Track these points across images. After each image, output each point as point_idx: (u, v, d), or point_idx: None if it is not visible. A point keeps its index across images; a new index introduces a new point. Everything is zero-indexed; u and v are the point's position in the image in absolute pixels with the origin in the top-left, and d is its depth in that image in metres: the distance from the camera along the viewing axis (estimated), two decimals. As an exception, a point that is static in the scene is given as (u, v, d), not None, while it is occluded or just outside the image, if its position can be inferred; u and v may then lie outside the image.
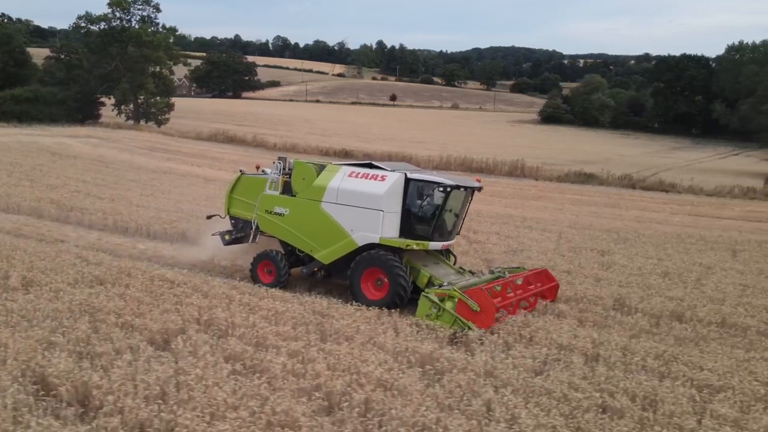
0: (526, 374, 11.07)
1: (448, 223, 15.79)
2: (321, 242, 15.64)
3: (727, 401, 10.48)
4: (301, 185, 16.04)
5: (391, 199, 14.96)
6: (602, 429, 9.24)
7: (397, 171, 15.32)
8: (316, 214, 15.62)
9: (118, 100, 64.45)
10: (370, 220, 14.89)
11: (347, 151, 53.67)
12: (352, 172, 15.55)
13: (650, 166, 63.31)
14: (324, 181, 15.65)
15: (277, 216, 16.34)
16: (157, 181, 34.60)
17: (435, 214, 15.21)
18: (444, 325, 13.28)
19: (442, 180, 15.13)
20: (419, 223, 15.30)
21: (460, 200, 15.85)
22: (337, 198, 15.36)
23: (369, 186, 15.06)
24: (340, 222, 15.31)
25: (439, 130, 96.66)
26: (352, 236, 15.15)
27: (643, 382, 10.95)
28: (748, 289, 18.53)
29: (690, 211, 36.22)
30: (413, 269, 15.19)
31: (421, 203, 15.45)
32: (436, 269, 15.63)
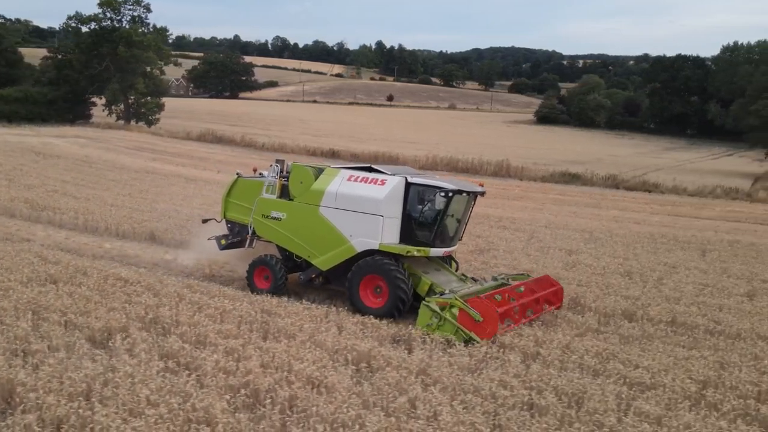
0: (460, 372, 11.15)
1: (450, 228, 15.42)
2: (319, 248, 15.24)
3: (654, 399, 10.56)
4: (298, 189, 15.62)
5: (391, 203, 14.56)
6: (521, 426, 9.31)
7: (398, 175, 14.91)
8: (314, 218, 15.22)
9: (109, 101, 64.59)
10: (370, 226, 14.48)
11: (334, 151, 53.88)
12: (351, 176, 15.10)
13: (640, 167, 63.38)
14: (322, 185, 15.22)
15: (274, 220, 15.92)
16: (137, 181, 34.69)
17: (436, 219, 14.79)
18: (446, 335, 12.81)
19: (443, 184, 14.66)
20: (420, 229, 14.88)
21: (463, 205, 15.46)
22: (335, 202, 14.94)
23: (368, 190, 14.62)
24: (338, 227, 14.91)
25: (432, 131, 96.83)
26: (351, 242, 14.75)
27: (574, 380, 11.01)
28: (707, 288, 18.60)
29: (670, 211, 36.31)
30: (414, 276, 14.74)
31: (422, 208, 14.98)
32: (437, 276, 15.22)
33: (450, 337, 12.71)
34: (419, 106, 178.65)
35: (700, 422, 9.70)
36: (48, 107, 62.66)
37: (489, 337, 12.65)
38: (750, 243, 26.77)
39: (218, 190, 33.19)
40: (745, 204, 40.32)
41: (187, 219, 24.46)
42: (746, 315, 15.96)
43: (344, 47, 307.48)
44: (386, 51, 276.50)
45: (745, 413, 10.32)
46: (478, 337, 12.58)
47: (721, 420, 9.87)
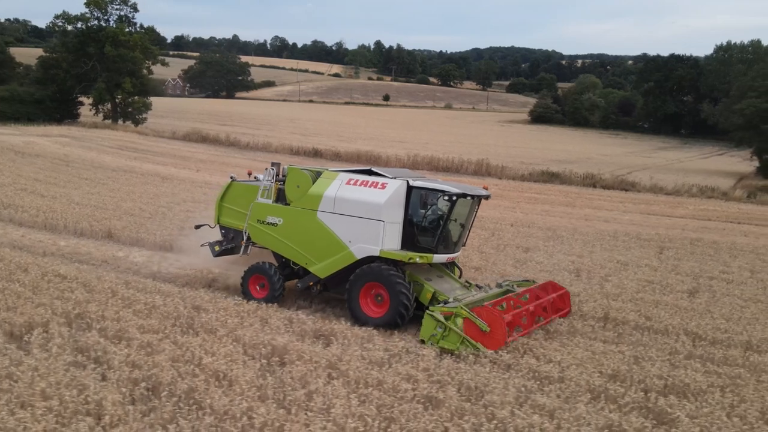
0: (369, 366, 11.29)
1: (453, 234, 14.90)
2: (317, 255, 14.62)
3: (555, 392, 10.69)
4: (295, 193, 15.05)
5: (392, 208, 14.01)
6: (412, 419, 9.42)
7: (399, 178, 14.40)
8: (311, 224, 14.63)
9: (96, 100, 64.75)
10: (370, 231, 13.89)
11: (317, 150, 54.09)
12: (350, 180, 14.53)
13: (626, 166, 63.54)
14: (320, 189, 14.66)
15: (269, 226, 15.29)
16: (112, 179, 34.82)
17: (439, 224, 14.27)
18: (450, 347, 12.35)
19: (446, 188, 14.04)
20: (422, 235, 14.35)
21: (466, 209, 14.93)
22: (334, 207, 14.35)
23: (368, 194, 14.06)
24: (337, 233, 14.31)
25: (423, 130, 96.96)
26: (351, 248, 14.14)
27: (481, 374, 11.15)
28: (651, 285, 18.72)
29: (643, 210, 36.40)
30: (416, 284, 14.19)
31: (424, 213, 14.49)
32: (440, 284, 14.67)
33: (456, 350, 12.26)
34: (415, 105, 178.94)
35: (592, 415, 9.83)
36: (35, 106, 62.86)
37: (496, 348, 12.18)
38: (713, 241, 26.86)
39: (191, 188, 33.65)
40: (719, 203, 40.40)
41: (149, 217, 24.70)
42: (679, 311, 16.07)
43: (343, 47, 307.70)
44: (385, 51, 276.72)
45: (643, 406, 10.45)
46: (486, 348, 12.10)
47: (615, 413, 9.99)
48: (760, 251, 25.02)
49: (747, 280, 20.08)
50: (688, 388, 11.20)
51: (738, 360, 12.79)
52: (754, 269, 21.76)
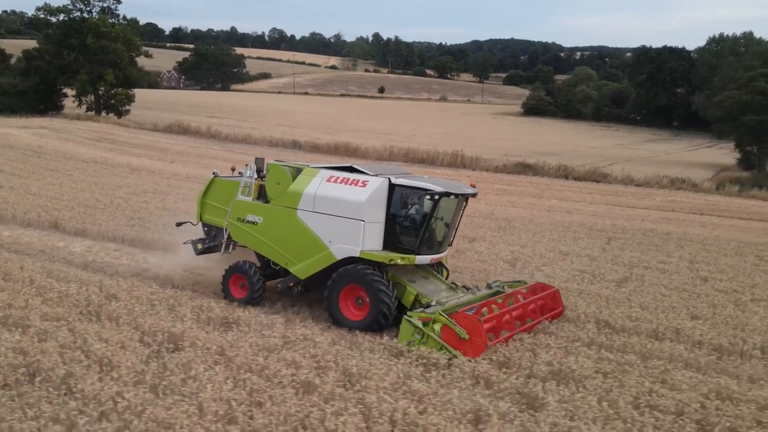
0: (258, 352, 11.45)
1: (438, 233, 14.33)
2: (297, 254, 14.10)
3: (435, 379, 10.82)
4: (275, 190, 14.49)
5: (374, 207, 13.44)
6: (279, 403, 9.56)
7: (381, 176, 13.77)
8: (291, 223, 14.06)
9: (78, 92, 64.91)
10: (350, 231, 13.36)
11: (296, 141, 54.22)
12: (331, 177, 13.96)
13: (610, 158, 63.63)
14: (300, 187, 14.09)
15: (249, 224, 14.75)
16: (79, 171, 35.00)
17: (423, 224, 13.67)
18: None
19: (430, 186, 13.46)
20: (405, 235, 13.77)
21: (452, 208, 14.36)
22: (314, 206, 13.80)
23: (349, 192, 13.50)
24: (317, 232, 13.76)
25: (413, 122, 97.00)
26: (331, 248, 13.60)
27: (365, 360, 11.33)
28: (582, 274, 18.85)
29: (610, 201, 36.52)
30: (398, 286, 13.67)
31: (406, 212, 13.85)
32: (424, 285, 14.16)
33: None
34: (411, 98, 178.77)
35: (462, 400, 9.97)
36: (18, 98, 63.08)
37: (475, 356, 11.65)
38: (666, 232, 26.99)
39: (158, 180, 33.81)
40: (688, 194, 40.50)
41: (102, 208, 24.87)
42: (599, 300, 16.18)
43: (341, 39, 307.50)
44: (383, 43, 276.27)
45: (519, 392, 10.57)
46: (464, 356, 11.58)
47: (487, 398, 10.18)
48: (709, 242, 25.14)
49: (682, 270, 20.21)
50: (573, 374, 11.33)
51: (636, 347, 12.93)
52: (695, 260, 21.88)
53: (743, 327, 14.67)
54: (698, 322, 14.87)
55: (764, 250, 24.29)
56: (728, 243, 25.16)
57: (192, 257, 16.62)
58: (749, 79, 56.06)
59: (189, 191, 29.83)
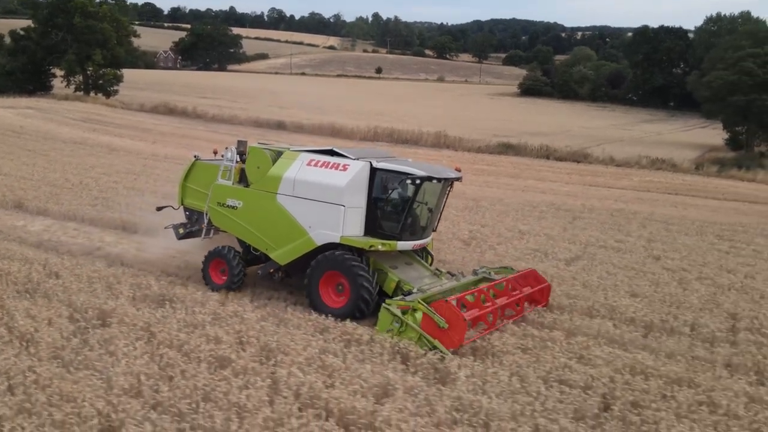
0: (183, 328, 11.62)
1: (421, 218, 13.99)
2: (277, 240, 13.77)
3: (353, 354, 11.00)
4: (255, 174, 14.13)
5: (354, 192, 13.06)
6: (190, 378, 9.72)
7: (362, 159, 13.37)
8: (271, 207, 13.73)
9: (66, 72, 64.85)
10: (330, 216, 13.01)
11: (280, 122, 54.22)
12: (311, 161, 13.58)
13: (601, 138, 63.44)
14: (280, 171, 13.74)
15: (229, 209, 14.43)
16: (56, 151, 35.12)
17: (405, 209, 13.29)
18: (409, 342, 11.46)
19: (412, 170, 12.97)
20: (387, 220, 13.38)
21: (436, 193, 13.93)
22: (293, 190, 13.45)
23: (329, 177, 13.14)
24: (297, 218, 13.44)
25: (407, 103, 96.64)
26: (311, 234, 13.27)
27: (287, 336, 11.51)
28: (534, 253, 19.01)
29: (587, 181, 36.58)
30: (380, 272, 13.28)
31: (388, 197, 13.43)
32: (407, 272, 13.79)
33: (414, 345, 11.35)
34: (408, 78, 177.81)
35: (372, 374, 10.13)
36: (6, 78, 63.04)
37: (456, 347, 11.34)
38: (633, 212, 27.09)
39: (135, 160, 33.91)
40: (667, 174, 40.55)
41: (70, 188, 24.98)
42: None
43: (341, 19, 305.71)
44: (382, 23, 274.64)
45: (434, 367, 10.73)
46: (444, 347, 11.23)
47: (396, 372, 10.38)
48: (673, 221, 25.25)
49: (637, 249, 20.32)
50: (493, 350, 11.51)
51: (565, 324, 13.08)
52: (653, 239, 22.00)
53: (679, 305, 14.80)
54: (636, 299, 15.01)
55: (727, 229, 24.39)
56: (693, 223, 25.26)
57: (173, 241, 16.22)
58: (737, 59, 55.78)
59: (163, 171, 30.07)
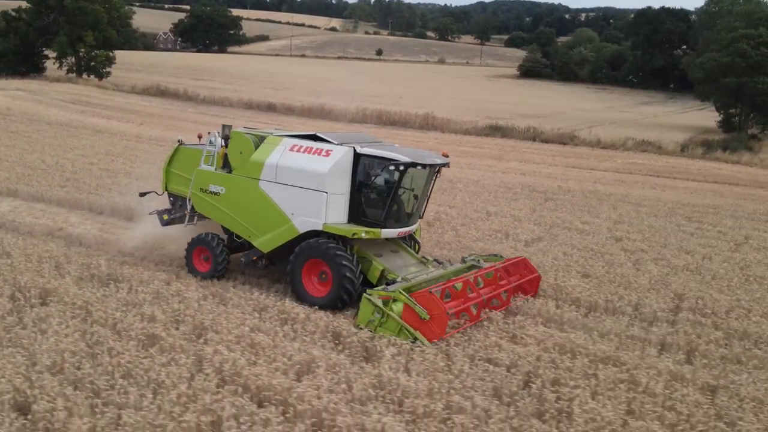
0: (121, 307, 11.74)
1: (406, 205, 13.58)
2: (259, 227, 13.47)
3: (284, 332, 11.13)
4: (238, 160, 13.76)
5: (337, 178, 12.70)
6: (115, 355, 9.86)
7: (345, 144, 12.97)
8: (253, 194, 13.42)
9: (59, 54, 64.79)
10: (313, 203, 12.69)
11: (270, 104, 54.16)
12: (294, 146, 13.23)
13: (594, 120, 63.15)
14: (262, 156, 13.38)
15: (212, 195, 14.09)
16: (40, 132, 35.14)
17: (389, 196, 12.83)
18: (389, 334, 11.14)
19: (396, 156, 12.54)
20: (370, 207, 13.03)
21: (422, 179, 13.49)
22: (276, 176, 13.12)
23: (311, 162, 12.78)
24: (279, 204, 13.13)
25: (403, 85, 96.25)
26: (293, 221, 12.98)
27: (224, 314, 11.65)
28: (496, 234, 19.08)
29: (571, 163, 36.52)
30: (364, 260, 13.01)
31: (372, 183, 12.96)
32: (392, 260, 13.45)
33: (395, 338, 11.04)
34: (409, 60, 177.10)
35: (298, 351, 10.25)
36: (-2, 60, 62.95)
37: (437, 338, 10.98)
38: (609, 193, 27.09)
39: (117, 142, 33.95)
40: (652, 156, 40.44)
41: (45, 169, 25.07)
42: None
43: (343, 0, 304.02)
44: (384, 4, 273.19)
45: (364, 346, 10.84)
46: (425, 339, 10.89)
47: (334, 353, 10.48)
48: (645, 203, 25.25)
49: (601, 230, 20.34)
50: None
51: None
52: (621, 220, 22.02)
53: (628, 285, 14.87)
54: (586, 280, 15.07)
55: (698, 211, 24.38)
56: (665, 204, 25.25)
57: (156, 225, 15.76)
58: (731, 41, 55.28)
59: (142, 153, 30.15)
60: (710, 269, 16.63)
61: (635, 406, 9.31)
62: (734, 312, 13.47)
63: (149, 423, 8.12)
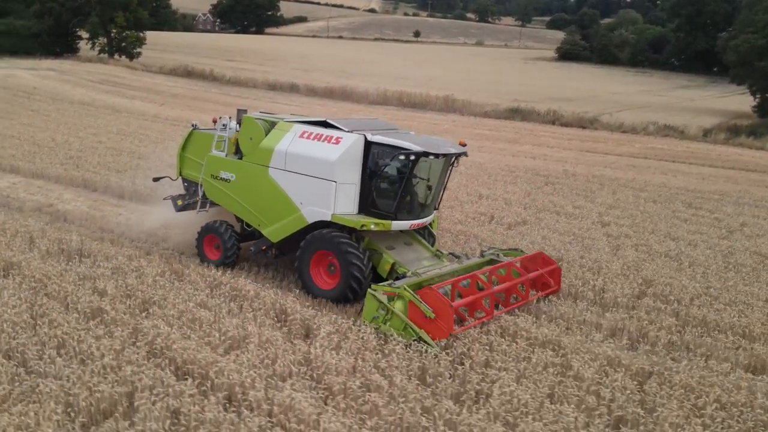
0: (75, 281, 12.03)
1: (420, 196, 13.03)
2: (269, 216, 13.11)
3: (229, 309, 11.27)
4: (248, 146, 13.39)
5: (347, 166, 12.18)
6: (55, 326, 10.11)
7: (356, 132, 12.43)
8: (263, 182, 13.04)
9: (91, 34, 65.98)
10: (322, 193, 12.21)
11: (293, 84, 54.36)
12: (304, 132, 12.76)
13: (625, 104, 62.02)
14: (272, 143, 12.97)
15: (222, 182, 13.78)
16: (60, 112, 35.89)
17: (400, 186, 12.27)
18: (394, 332, 10.58)
19: (407, 145, 11.89)
20: (381, 198, 12.47)
21: (438, 169, 12.92)
22: (285, 164, 12.70)
23: (320, 150, 12.30)
24: (289, 193, 12.70)
25: (436, 67, 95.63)
26: (302, 211, 12.55)
27: (173, 291, 11.85)
28: (479, 216, 18.96)
29: (586, 147, 35.91)
30: (375, 253, 12.56)
31: (382, 173, 12.37)
32: (404, 253, 12.92)
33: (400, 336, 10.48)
34: (447, 42, 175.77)
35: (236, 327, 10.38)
36: (33, 40, 64.42)
37: (446, 337, 10.44)
38: (614, 178, 26.60)
39: (132, 121, 34.52)
40: (673, 141, 39.47)
41: (52, 147, 25.64)
42: (472, 240, 16.39)
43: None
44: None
45: (304, 325, 10.94)
46: (430, 338, 10.33)
47: (276, 332, 10.59)
48: (648, 189, 24.74)
49: (591, 215, 20.04)
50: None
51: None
52: (615, 205, 21.63)
53: (598, 270, 14.69)
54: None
55: (701, 197, 23.81)
56: (669, 190, 24.71)
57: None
58: (767, 23, 53.57)
59: (153, 133, 30.68)
60: (690, 256, 16.28)
61: (559, 389, 9.23)
62: (699, 299, 13.19)
63: (64, 392, 8.36)
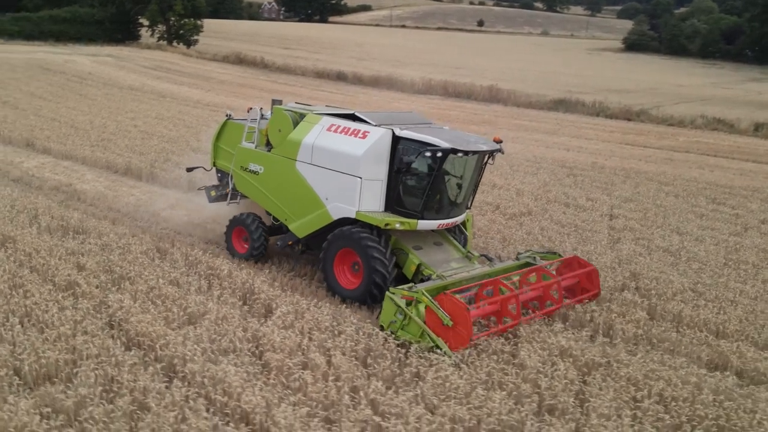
0: (61, 257, 12.58)
1: (450, 195, 12.43)
2: (295, 211, 12.82)
3: (205, 289, 11.63)
4: (277, 138, 13.12)
5: (372, 162, 11.73)
6: (27, 296, 10.67)
7: (384, 126, 11.95)
8: (290, 175, 12.73)
9: (150, 22, 67.92)
10: (347, 189, 11.84)
11: (340, 73, 54.74)
12: (332, 125, 12.38)
13: (684, 97, 60.08)
14: (299, 135, 12.64)
15: (251, 174, 13.56)
16: (107, 96, 37.13)
17: (427, 184, 11.72)
18: (412, 339, 10.14)
19: (436, 141, 11.28)
20: (408, 196, 11.97)
21: (470, 166, 12.28)
22: (312, 157, 12.37)
23: (347, 144, 11.90)
24: (315, 188, 12.38)
25: (495, 58, 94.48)
26: (327, 207, 12.21)
27: (150, 270, 12.28)
28: (486, 206, 18.83)
29: (627, 140, 35.02)
30: (401, 253, 12.03)
31: (410, 169, 11.78)
32: (432, 254, 12.30)
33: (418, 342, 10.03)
34: (511, 32, 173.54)
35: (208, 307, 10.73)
36: (96, 27, 66.72)
37: (465, 345, 9.90)
38: (642, 171, 25.94)
39: (172, 106, 35.49)
40: (721, 135, 38.00)
41: (87, 130, 26.67)
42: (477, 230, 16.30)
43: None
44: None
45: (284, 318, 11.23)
46: (448, 347, 9.77)
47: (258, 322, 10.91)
48: (674, 183, 24.04)
49: (601, 208, 19.66)
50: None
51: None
52: (631, 199, 21.11)
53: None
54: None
55: (728, 192, 23.01)
56: (697, 185, 23.99)
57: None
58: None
59: (190, 118, 31.53)
60: (691, 251, 15.84)
61: (496, 377, 9.21)
62: (682, 295, 12.87)
63: (13, 357, 8.82)
